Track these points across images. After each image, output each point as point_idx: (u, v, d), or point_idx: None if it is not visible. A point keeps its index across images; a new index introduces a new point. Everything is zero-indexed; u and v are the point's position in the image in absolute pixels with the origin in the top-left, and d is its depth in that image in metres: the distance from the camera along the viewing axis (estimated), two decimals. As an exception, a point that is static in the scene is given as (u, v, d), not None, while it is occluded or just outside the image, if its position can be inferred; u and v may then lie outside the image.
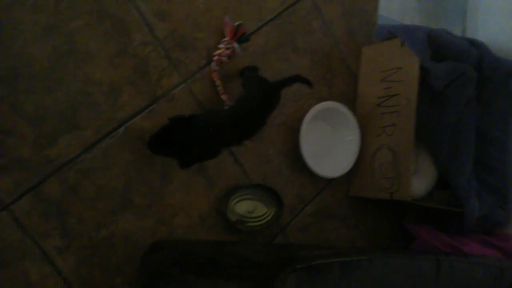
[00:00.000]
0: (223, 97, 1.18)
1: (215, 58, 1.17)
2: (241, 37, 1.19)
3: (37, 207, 0.99)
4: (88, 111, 1.05)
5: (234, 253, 0.90)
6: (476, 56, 1.37)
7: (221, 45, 1.18)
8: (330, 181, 1.38)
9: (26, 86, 0.99)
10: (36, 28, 1.00)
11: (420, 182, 1.33)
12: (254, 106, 1.03)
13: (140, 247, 1.08)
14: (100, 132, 1.06)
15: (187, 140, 0.97)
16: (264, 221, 1.22)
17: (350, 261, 0.72)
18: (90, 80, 1.06)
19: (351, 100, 1.43)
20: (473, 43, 1.41)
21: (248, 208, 1.21)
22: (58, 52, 1.02)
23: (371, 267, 0.73)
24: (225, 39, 1.18)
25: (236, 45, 1.18)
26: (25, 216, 0.99)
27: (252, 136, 1.06)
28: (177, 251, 0.94)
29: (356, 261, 0.72)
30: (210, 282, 0.74)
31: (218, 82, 1.17)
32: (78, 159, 1.04)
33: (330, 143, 1.35)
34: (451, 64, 1.30)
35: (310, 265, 0.68)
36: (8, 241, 0.97)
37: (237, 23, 1.19)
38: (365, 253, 0.73)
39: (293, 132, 1.30)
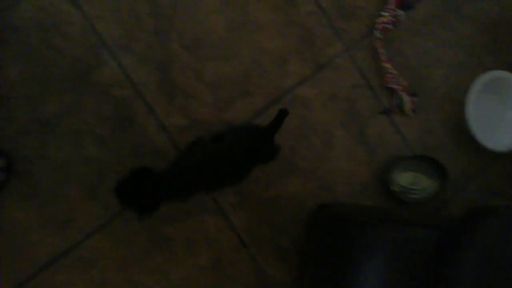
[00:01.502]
0: (386, 65, 1.16)
1: (380, 26, 1.15)
2: (406, 4, 1.16)
3: (213, 166, 1.07)
4: (258, 79, 1.11)
5: (412, 212, 0.89)
6: None
7: (385, 13, 1.16)
8: (497, 156, 1.28)
9: (207, 54, 1.08)
10: (216, 1, 1.08)
11: None
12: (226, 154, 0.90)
13: (305, 209, 1.11)
14: (269, 98, 1.11)
15: (152, 194, 0.82)
16: (426, 193, 1.17)
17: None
18: (261, 49, 1.11)
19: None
20: None
21: (410, 179, 1.17)
22: (233, 23, 1.10)
23: None
24: (389, 6, 1.16)
25: (401, 12, 1.15)
26: (203, 174, 1.06)
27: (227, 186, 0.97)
28: (349, 208, 0.95)
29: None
30: (397, 226, 0.74)
31: (381, 50, 1.16)
32: (250, 123, 1.09)
33: (498, 115, 1.25)
34: None
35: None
36: (190, 195, 1.06)
37: (401, -10, 1.16)
38: None
39: (457, 104, 1.23)
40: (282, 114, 0.92)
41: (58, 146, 0.98)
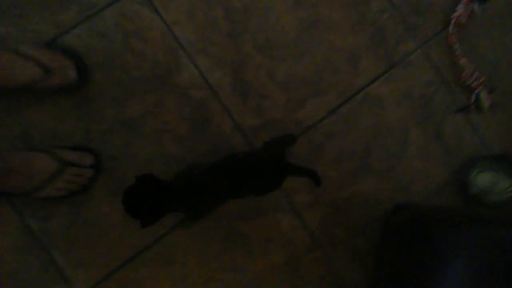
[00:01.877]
0: (462, 60, 1.12)
1: (453, 20, 1.12)
2: (482, -3, 1.12)
3: (286, 166, 1.07)
4: (330, 77, 1.11)
5: (493, 213, 0.85)
6: None
7: (459, 6, 1.12)
8: None
9: (278, 54, 1.09)
10: (287, 2, 1.10)
11: None
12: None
13: (380, 210, 1.09)
14: (341, 97, 1.11)
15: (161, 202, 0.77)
16: (507, 195, 1.12)
17: None
18: (332, 48, 1.11)
19: None
20: None
21: (489, 180, 1.12)
22: (305, 22, 1.10)
23: None
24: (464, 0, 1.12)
25: (476, 5, 1.12)
26: (276, 173, 1.07)
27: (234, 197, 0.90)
28: (427, 209, 0.92)
29: None
30: (480, 226, 0.71)
31: (456, 45, 1.12)
32: (323, 122, 1.10)
33: None
34: None
35: None
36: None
37: (477, -17, 1.12)
38: None
39: (541, 100, 1.17)
40: (313, 177, 1.02)
41: (141, 145, 1.03)
